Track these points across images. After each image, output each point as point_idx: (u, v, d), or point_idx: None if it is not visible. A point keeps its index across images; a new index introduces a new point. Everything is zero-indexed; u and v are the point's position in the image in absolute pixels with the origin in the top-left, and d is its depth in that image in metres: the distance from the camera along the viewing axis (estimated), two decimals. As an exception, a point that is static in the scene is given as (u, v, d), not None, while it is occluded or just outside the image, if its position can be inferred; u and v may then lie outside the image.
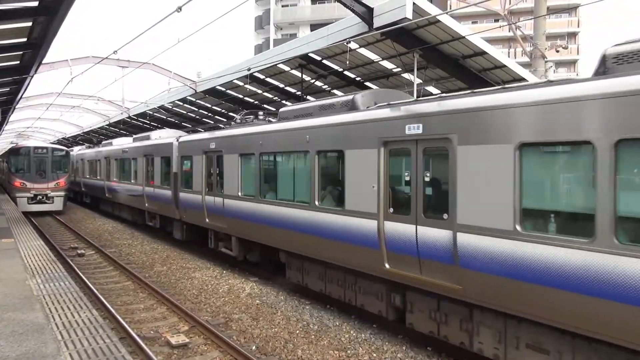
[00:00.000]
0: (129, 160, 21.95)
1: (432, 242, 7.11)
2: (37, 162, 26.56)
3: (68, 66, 19.43)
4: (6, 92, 20.81)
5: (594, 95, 5.29)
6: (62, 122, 42.69)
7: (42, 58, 13.98)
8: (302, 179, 10.05)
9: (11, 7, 9.89)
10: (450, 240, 6.82)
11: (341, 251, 8.82)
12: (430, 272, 7.17)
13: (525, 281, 5.84)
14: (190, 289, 11.83)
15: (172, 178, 16.73)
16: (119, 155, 23.15)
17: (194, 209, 14.97)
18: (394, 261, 7.77)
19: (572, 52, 47.06)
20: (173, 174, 16.70)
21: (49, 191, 26.41)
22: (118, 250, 17.15)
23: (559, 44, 14.59)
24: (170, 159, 16.89)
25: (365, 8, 11.78)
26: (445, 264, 6.92)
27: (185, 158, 15.79)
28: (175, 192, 16.54)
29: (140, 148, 20.54)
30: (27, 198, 26.05)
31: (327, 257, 9.27)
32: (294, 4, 51.33)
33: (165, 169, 17.66)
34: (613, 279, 5.07)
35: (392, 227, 7.80)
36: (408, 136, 7.51)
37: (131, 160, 21.59)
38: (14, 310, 7.21)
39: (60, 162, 27.32)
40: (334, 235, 8.94)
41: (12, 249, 12.37)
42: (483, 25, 43.66)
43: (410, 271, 7.51)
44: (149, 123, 33.84)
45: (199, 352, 8.06)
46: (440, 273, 6.99)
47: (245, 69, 16.80)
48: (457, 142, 6.69)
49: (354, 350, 7.98)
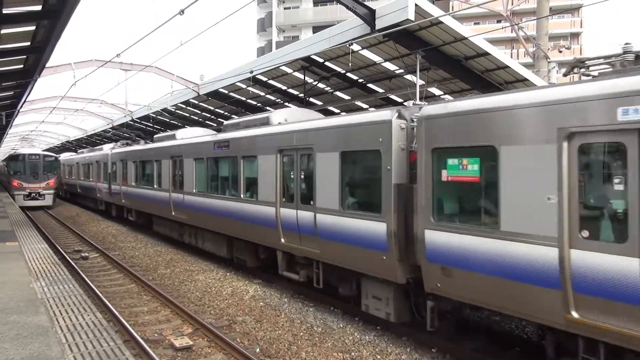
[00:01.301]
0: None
1: (305, 221, 9.94)
2: (31, 166, 32.55)
3: (71, 69, 19.48)
4: (10, 96, 20.91)
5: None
6: (66, 126, 42.82)
7: (46, 61, 14.04)
8: (232, 178, 13.08)
9: (15, 11, 9.95)
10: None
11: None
12: (305, 243, 10.01)
13: (338, 242, 9.13)
14: (194, 292, 11.83)
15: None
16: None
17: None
18: (286, 237, 10.62)
19: (575, 52, 46.95)
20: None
21: (40, 189, 32.58)
22: (122, 253, 17.18)
23: (562, 45, 14.59)
24: None
25: (367, 10, 11.78)
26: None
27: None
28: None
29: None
30: (23, 195, 32.10)
31: (251, 237, 12.28)
32: (296, 7, 51.44)
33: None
34: None
35: (284, 212, 10.61)
36: (294, 146, 10.36)
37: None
38: (18, 313, 7.22)
39: (51, 166, 33.58)
40: (252, 220, 11.87)
41: (16, 252, 12.40)
42: (485, 27, 43.58)
43: (295, 243, 10.36)
44: (152, 126, 33.93)
45: (202, 355, 8.06)
46: (310, 242, 9.80)
47: (248, 72, 16.83)
48: (316, 150, 9.61)
49: (358, 353, 7.96)
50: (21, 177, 32.11)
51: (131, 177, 21.58)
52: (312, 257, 9.99)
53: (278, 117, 12.06)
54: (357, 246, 8.56)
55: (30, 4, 9.79)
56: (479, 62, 13.79)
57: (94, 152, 30.21)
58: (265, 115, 12.46)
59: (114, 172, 24.43)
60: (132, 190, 21.69)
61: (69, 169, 38.08)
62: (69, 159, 38.53)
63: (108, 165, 25.38)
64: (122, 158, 23.14)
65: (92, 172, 29.19)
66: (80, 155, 34.10)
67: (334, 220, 9.14)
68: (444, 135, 6.98)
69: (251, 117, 13.34)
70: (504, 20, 13.99)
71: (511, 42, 44.48)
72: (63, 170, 39.30)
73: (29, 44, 12.56)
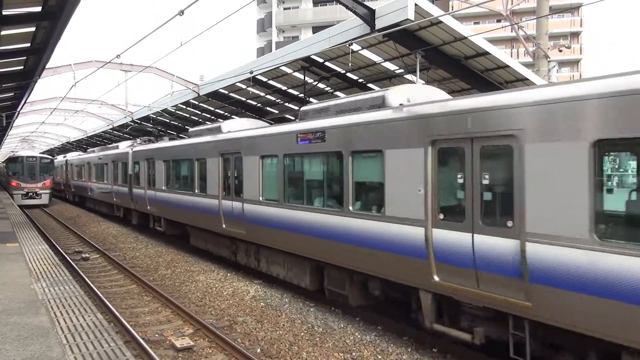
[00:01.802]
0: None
1: (236, 210, 12.53)
2: (29, 167, 35.00)
3: (71, 70, 19.47)
4: (10, 97, 20.92)
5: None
6: (66, 127, 42.83)
7: (46, 63, 14.04)
8: (190, 176, 15.46)
9: (15, 13, 9.96)
10: (240, 207, 12.42)
11: (205, 219, 14.42)
12: (231, 227, 12.69)
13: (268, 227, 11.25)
14: (195, 292, 11.83)
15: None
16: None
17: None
18: (228, 223, 12.87)
19: (575, 51, 46.95)
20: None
21: (37, 189, 35.09)
22: (122, 253, 17.18)
23: (562, 44, 14.57)
24: None
25: (367, 10, 11.77)
26: (240, 221, 12.44)
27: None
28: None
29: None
30: (21, 194, 34.40)
31: (202, 225, 14.73)
32: (295, 7, 51.44)
33: None
34: None
35: (226, 203, 12.99)
36: (227, 150, 13.13)
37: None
38: (19, 314, 7.22)
39: (47, 168, 35.91)
40: (202, 210, 14.32)
41: (16, 253, 12.40)
42: (485, 26, 43.60)
43: (237, 229, 12.51)
44: (153, 127, 33.92)
45: (203, 355, 8.06)
46: (237, 227, 12.02)
47: (248, 72, 16.82)
48: (243, 154, 12.05)
49: (359, 353, 7.96)
50: (19, 177, 34.64)
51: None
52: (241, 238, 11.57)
53: (228, 126, 14.56)
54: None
55: (30, 5, 9.79)
56: (479, 62, 13.78)
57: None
58: (218, 125, 14.43)
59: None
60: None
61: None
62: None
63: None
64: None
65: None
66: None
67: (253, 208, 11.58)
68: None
69: (210, 126, 14.91)
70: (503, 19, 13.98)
71: (511, 41, 44.47)
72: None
73: (29, 45, 12.57)
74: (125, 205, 23.38)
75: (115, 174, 24.38)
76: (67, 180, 38.69)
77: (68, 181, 38.31)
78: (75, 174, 35.95)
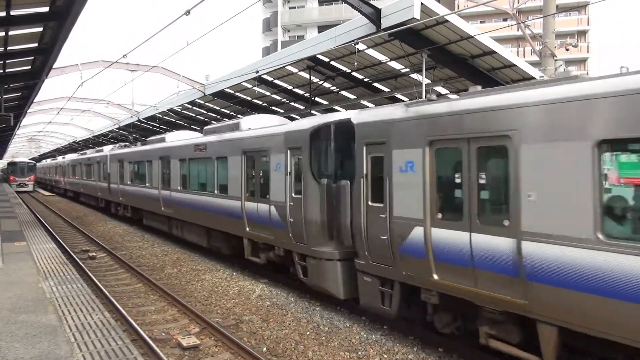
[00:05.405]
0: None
1: (165, 196, 17.53)
2: (21, 167, 55.21)
3: (78, 70, 19.62)
4: (18, 97, 21.07)
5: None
6: (73, 126, 43.07)
7: (53, 62, 14.14)
8: (143, 173, 19.89)
9: (22, 13, 10.03)
10: (168, 194, 17.20)
11: (151, 204, 19.11)
12: (167, 209, 16.63)
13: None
14: (201, 291, 11.87)
15: None
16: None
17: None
18: (165, 206, 17.12)
19: (582, 50, 46.65)
20: None
21: (25, 181, 54.59)
22: (129, 252, 17.26)
23: (569, 43, 14.46)
24: None
25: (373, 9, 11.75)
26: (170, 204, 17.36)
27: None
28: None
29: None
30: (16, 184, 53.48)
31: (149, 208, 19.60)
32: (301, 6, 51.41)
33: None
34: None
35: (165, 193, 17.49)
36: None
37: None
38: (27, 313, 7.28)
39: (32, 168, 56.24)
40: (150, 197, 19.01)
41: (24, 252, 12.49)
42: (491, 25, 43.39)
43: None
44: (159, 126, 34.05)
45: (209, 354, 8.08)
46: (169, 208, 15.87)
47: (254, 71, 16.84)
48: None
49: (364, 352, 7.96)
50: (15, 174, 55.19)
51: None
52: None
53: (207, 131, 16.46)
54: None
55: (37, 6, 9.86)
56: (485, 61, 13.74)
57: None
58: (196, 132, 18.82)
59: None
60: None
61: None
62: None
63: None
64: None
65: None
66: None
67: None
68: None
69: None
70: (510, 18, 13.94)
71: (517, 40, 44.23)
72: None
73: (37, 45, 12.66)
74: (105, 197, 29.18)
75: (99, 173, 29.96)
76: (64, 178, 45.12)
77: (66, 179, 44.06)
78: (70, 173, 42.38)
